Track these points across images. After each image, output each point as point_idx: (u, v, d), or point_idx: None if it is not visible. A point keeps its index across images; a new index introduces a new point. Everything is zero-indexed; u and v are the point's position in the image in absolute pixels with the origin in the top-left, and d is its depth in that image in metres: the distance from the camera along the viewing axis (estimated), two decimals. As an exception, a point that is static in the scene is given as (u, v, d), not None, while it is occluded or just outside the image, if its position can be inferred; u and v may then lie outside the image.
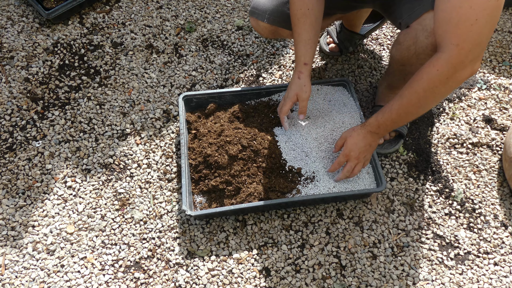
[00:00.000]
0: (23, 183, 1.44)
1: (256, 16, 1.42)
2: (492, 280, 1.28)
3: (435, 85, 1.07)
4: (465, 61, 1.02)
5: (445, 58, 1.03)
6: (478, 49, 1.01)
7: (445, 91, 1.10)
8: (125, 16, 1.92)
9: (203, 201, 1.37)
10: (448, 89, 1.09)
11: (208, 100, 1.55)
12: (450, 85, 1.08)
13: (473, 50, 1.01)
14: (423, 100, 1.12)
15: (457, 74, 1.05)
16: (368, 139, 1.28)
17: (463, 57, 1.01)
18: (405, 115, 1.18)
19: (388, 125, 1.22)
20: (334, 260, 1.31)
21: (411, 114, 1.18)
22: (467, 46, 1.00)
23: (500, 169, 1.49)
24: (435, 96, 1.11)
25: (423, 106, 1.14)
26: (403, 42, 1.23)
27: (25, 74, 1.71)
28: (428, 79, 1.07)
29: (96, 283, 1.26)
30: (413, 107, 1.14)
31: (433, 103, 1.15)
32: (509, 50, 1.82)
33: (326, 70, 1.76)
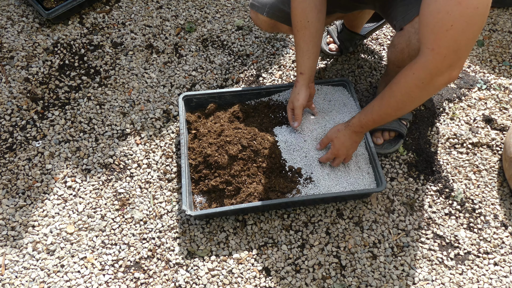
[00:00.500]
0: (23, 183, 1.45)
1: (256, 9, 1.44)
2: (492, 280, 1.28)
3: (411, 89, 1.08)
4: (440, 67, 1.02)
5: (421, 62, 1.04)
6: (453, 55, 1.01)
7: (421, 95, 1.10)
8: (125, 16, 1.92)
9: (203, 201, 1.37)
10: (425, 93, 1.09)
11: (208, 100, 1.55)
12: (426, 90, 1.08)
13: (448, 56, 1.00)
14: (400, 103, 1.13)
15: (433, 79, 1.05)
16: (353, 138, 1.33)
17: (439, 62, 1.01)
18: (385, 117, 1.21)
19: (370, 125, 1.26)
20: (334, 260, 1.31)
21: (390, 115, 1.21)
22: (442, 51, 1.00)
23: (500, 169, 1.49)
24: (412, 99, 1.12)
25: (401, 108, 1.16)
26: (397, 44, 1.24)
27: (25, 74, 1.71)
28: (405, 82, 1.08)
29: (96, 283, 1.26)
30: (391, 109, 1.17)
31: (411, 106, 1.15)
32: (509, 50, 1.82)
33: (326, 70, 1.76)
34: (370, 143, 1.42)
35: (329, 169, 1.39)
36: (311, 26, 1.29)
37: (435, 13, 0.97)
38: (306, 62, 1.35)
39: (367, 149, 1.43)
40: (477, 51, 1.81)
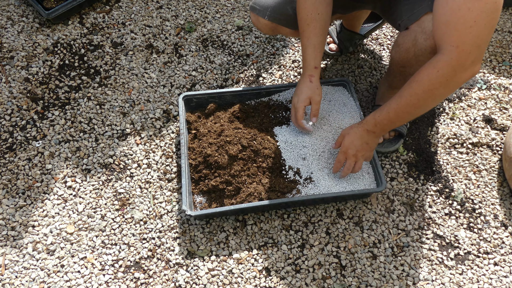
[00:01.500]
0: (23, 183, 1.44)
1: (257, 12, 1.42)
2: (492, 280, 1.28)
3: (435, 86, 1.07)
4: (465, 63, 1.03)
5: (446, 60, 1.04)
6: (477, 51, 1.02)
7: (444, 93, 1.10)
8: (125, 16, 1.92)
9: (203, 201, 1.37)
10: (448, 91, 1.09)
11: (208, 100, 1.55)
12: (450, 87, 1.08)
13: (472, 52, 1.01)
14: (422, 101, 1.12)
15: (457, 76, 1.05)
16: (364, 137, 1.28)
17: (463, 59, 1.02)
18: (403, 115, 1.18)
19: (385, 124, 1.22)
20: (334, 260, 1.31)
21: (409, 114, 1.18)
22: (467, 48, 1.01)
23: (500, 169, 1.49)
24: (435, 97, 1.11)
25: (422, 107, 1.14)
26: (402, 44, 1.23)
27: (25, 74, 1.71)
28: (428, 80, 1.07)
29: (96, 283, 1.26)
30: (411, 107, 1.14)
31: (432, 104, 1.15)
32: (509, 50, 1.82)
33: (326, 70, 1.76)
34: (370, 143, 1.42)
35: (329, 169, 1.39)
36: (321, 19, 1.28)
37: (456, 10, 0.98)
38: (318, 55, 1.32)
39: (367, 149, 1.43)
40: (477, 51, 1.81)
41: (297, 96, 1.37)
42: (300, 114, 1.38)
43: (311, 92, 1.35)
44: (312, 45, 1.31)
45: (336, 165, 1.34)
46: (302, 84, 1.36)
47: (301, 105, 1.37)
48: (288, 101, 1.55)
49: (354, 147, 1.29)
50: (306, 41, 1.31)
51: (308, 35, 1.30)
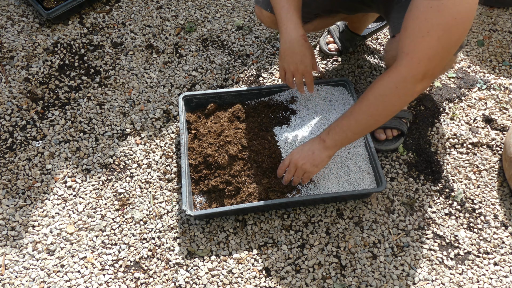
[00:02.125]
0: (23, 183, 1.45)
1: (260, 5, 1.41)
2: (492, 280, 1.28)
3: (385, 93, 1.06)
4: (415, 73, 1.01)
5: (397, 68, 1.03)
6: (428, 63, 1.00)
7: (395, 102, 1.08)
8: (125, 16, 1.92)
9: (203, 201, 1.37)
10: (399, 100, 1.07)
11: (208, 100, 1.55)
12: (400, 96, 1.06)
13: (422, 63, 1.00)
14: (373, 108, 1.09)
15: (407, 85, 1.03)
16: (314, 145, 1.21)
17: (413, 68, 1.01)
18: (355, 124, 1.14)
19: (337, 133, 1.17)
20: (334, 260, 1.31)
21: (361, 123, 1.13)
22: (416, 56, 0.99)
23: (500, 169, 1.49)
24: (386, 105, 1.08)
25: (374, 115, 1.11)
26: (389, 51, 1.23)
27: (25, 74, 1.71)
28: (380, 86, 1.07)
29: (96, 283, 1.26)
30: (364, 114, 1.11)
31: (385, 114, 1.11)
32: (509, 50, 1.82)
33: (326, 70, 1.76)
34: (370, 143, 1.42)
35: (329, 169, 1.39)
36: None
37: (414, 18, 0.98)
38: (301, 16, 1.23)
39: (367, 149, 1.43)
40: (477, 51, 1.81)
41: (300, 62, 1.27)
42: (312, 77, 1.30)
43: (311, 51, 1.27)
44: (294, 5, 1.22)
45: (280, 168, 1.30)
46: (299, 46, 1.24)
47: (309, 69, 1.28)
48: (288, 101, 1.55)
49: (300, 152, 1.23)
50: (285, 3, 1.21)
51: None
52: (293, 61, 1.27)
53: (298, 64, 1.27)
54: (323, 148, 1.20)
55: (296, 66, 1.28)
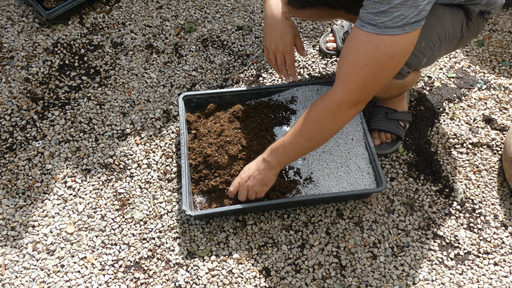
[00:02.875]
0: (23, 183, 1.45)
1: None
2: (492, 280, 1.28)
3: (321, 118, 1.10)
4: (349, 101, 1.06)
5: (332, 94, 1.08)
6: (361, 93, 1.05)
7: (331, 127, 1.12)
8: (125, 16, 1.92)
9: (203, 201, 1.37)
10: (334, 124, 1.11)
11: (208, 100, 1.55)
12: (336, 121, 1.10)
13: (357, 93, 1.04)
14: (311, 131, 1.13)
15: (342, 112, 1.08)
16: (259, 164, 1.22)
17: (348, 96, 1.05)
18: (296, 146, 1.16)
19: (280, 153, 1.18)
20: (334, 260, 1.31)
21: (301, 145, 1.16)
22: (352, 87, 1.03)
23: (500, 169, 1.49)
24: (322, 129, 1.12)
25: (312, 138, 1.14)
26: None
27: (25, 74, 1.71)
28: (316, 112, 1.11)
29: (96, 283, 1.26)
30: (302, 138, 1.14)
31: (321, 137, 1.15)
32: (509, 50, 1.82)
33: (326, 70, 1.76)
34: (370, 143, 1.42)
35: (329, 169, 1.39)
36: None
37: (354, 49, 1.00)
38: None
39: (367, 149, 1.43)
40: (477, 51, 1.81)
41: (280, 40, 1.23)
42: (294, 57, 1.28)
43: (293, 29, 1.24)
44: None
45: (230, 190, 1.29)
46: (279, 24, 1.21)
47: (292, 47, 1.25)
48: (288, 101, 1.55)
49: (248, 171, 1.24)
50: None
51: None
52: (274, 39, 1.24)
53: (278, 42, 1.23)
54: (268, 168, 1.21)
55: (276, 45, 1.24)
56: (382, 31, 0.95)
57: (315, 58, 1.80)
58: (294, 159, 1.20)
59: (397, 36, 0.95)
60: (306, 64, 1.78)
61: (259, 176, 1.22)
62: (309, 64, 1.78)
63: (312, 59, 1.79)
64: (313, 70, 1.76)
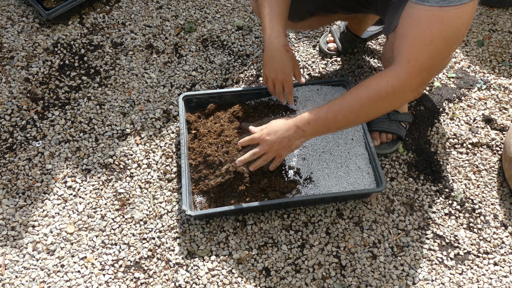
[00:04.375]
0: (23, 183, 1.45)
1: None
2: (492, 280, 1.28)
3: (381, 96, 1.05)
4: (413, 81, 1.01)
5: (396, 72, 1.02)
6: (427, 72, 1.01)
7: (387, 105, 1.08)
8: (125, 16, 1.92)
9: (203, 201, 1.37)
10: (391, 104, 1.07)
11: (208, 100, 1.55)
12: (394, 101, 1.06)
13: (422, 72, 1.00)
14: (365, 108, 1.08)
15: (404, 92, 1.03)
16: (290, 131, 1.16)
17: (413, 76, 1.00)
18: (341, 120, 1.11)
19: (319, 125, 1.13)
20: (334, 260, 1.31)
21: (347, 120, 1.12)
22: (418, 65, 0.99)
23: (500, 169, 1.49)
24: (377, 107, 1.08)
25: (362, 114, 1.10)
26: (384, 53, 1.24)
27: (25, 74, 1.71)
28: (376, 88, 1.05)
29: (96, 283, 1.26)
30: (352, 113, 1.09)
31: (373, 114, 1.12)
32: (509, 50, 1.82)
33: (326, 70, 1.76)
34: (370, 143, 1.42)
35: (329, 169, 1.39)
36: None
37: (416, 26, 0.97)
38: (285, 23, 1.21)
39: (367, 149, 1.43)
40: (477, 51, 1.81)
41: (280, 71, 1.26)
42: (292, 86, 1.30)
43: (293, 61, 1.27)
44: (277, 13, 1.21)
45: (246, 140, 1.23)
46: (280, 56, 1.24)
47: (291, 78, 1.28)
48: (288, 101, 1.55)
49: (274, 135, 1.17)
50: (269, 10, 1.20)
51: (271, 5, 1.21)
52: (273, 69, 1.28)
53: (278, 72, 1.27)
54: (301, 136, 1.17)
55: (276, 75, 1.29)
56: (447, 3, 0.92)
57: (315, 58, 1.80)
58: (331, 131, 1.18)
59: (461, 6, 0.92)
60: (306, 64, 1.78)
61: (289, 143, 1.18)
62: (309, 64, 1.78)
63: (312, 59, 1.79)
64: (313, 70, 1.76)
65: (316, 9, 1.45)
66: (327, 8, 1.45)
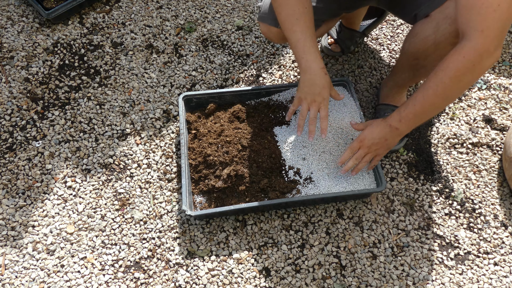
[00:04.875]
0: (23, 183, 1.45)
1: (269, 23, 1.38)
2: (492, 280, 1.28)
3: (462, 72, 1.06)
4: (490, 48, 1.02)
5: (471, 46, 1.03)
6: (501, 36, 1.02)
7: (471, 80, 1.08)
8: (125, 16, 1.92)
9: (203, 201, 1.37)
10: (474, 77, 1.08)
11: (208, 100, 1.55)
12: (476, 73, 1.07)
13: (496, 37, 1.01)
14: (448, 89, 1.09)
15: (483, 61, 1.04)
16: (385, 131, 1.24)
17: (488, 44, 1.01)
18: (429, 108, 1.15)
19: (411, 119, 1.18)
20: (334, 260, 1.31)
21: (435, 106, 1.14)
22: (492, 32, 1.00)
23: (500, 169, 1.49)
24: (462, 85, 1.09)
25: (448, 97, 1.12)
26: (420, 32, 1.21)
27: (25, 74, 1.71)
28: (455, 67, 1.06)
29: (96, 283, 1.26)
30: (438, 98, 1.11)
31: (459, 92, 1.13)
32: (509, 50, 1.82)
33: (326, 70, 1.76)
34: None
35: (328, 169, 1.39)
36: (309, 12, 1.24)
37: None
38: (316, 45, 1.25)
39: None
40: (477, 51, 1.81)
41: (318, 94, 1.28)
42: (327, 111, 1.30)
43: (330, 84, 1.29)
44: (310, 36, 1.24)
45: (347, 153, 1.31)
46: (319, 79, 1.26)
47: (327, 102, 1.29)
48: (288, 101, 1.55)
49: (371, 138, 1.26)
50: (301, 35, 1.24)
51: (302, 29, 1.24)
52: (311, 92, 1.28)
53: (316, 95, 1.28)
54: (396, 135, 1.25)
55: (313, 97, 1.29)
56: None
57: (315, 58, 1.80)
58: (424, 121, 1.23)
59: None
60: (306, 64, 1.78)
61: (386, 142, 1.27)
62: (309, 64, 1.78)
63: (312, 59, 1.79)
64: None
65: (326, 16, 1.44)
66: (336, 13, 1.45)
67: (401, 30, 1.89)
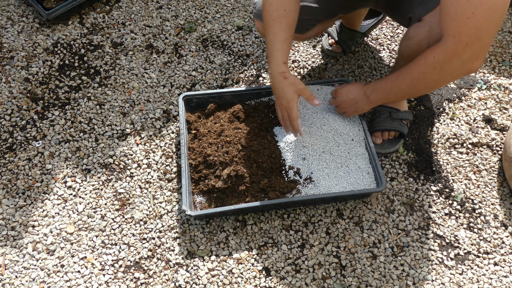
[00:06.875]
0: (23, 183, 1.45)
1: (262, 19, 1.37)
2: (492, 280, 1.28)
3: (428, 70, 1.12)
4: (462, 54, 1.05)
5: (442, 47, 1.07)
6: (477, 44, 1.03)
7: (438, 79, 1.14)
8: (125, 16, 1.92)
9: (203, 201, 1.37)
10: (441, 78, 1.13)
11: (208, 100, 1.55)
12: (443, 75, 1.11)
13: (470, 44, 1.02)
14: (415, 82, 1.17)
15: (452, 65, 1.08)
16: (359, 95, 1.35)
17: (460, 49, 1.04)
18: (397, 91, 1.24)
19: (380, 93, 1.29)
20: (334, 260, 1.31)
21: (402, 91, 1.24)
22: (463, 38, 1.02)
23: (500, 169, 1.49)
24: (427, 82, 1.15)
25: (415, 88, 1.20)
26: (413, 36, 1.22)
27: (25, 74, 1.71)
28: (424, 63, 1.13)
29: (96, 283, 1.26)
30: (405, 85, 1.21)
31: (424, 88, 1.20)
32: (509, 50, 1.82)
33: (326, 70, 1.76)
34: (370, 143, 1.42)
35: (329, 169, 1.39)
36: (289, 15, 1.25)
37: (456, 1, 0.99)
38: (286, 51, 1.26)
39: (367, 149, 1.43)
40: (477, 51, 1.81)
41: (282, 97, 1.31)
42: (296, 113, 1.32)
43: (294, 87, 1.29)
44: (279, 40, 1.25)
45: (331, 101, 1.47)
46: (277, 84, 1.29)
47: (294, 104, 1.30)
48: (288, 101, 1.55)
49: (346, 96, 1.38)
50: (272, 37, 1.25)
51: (275, 31, 1.25)
52: (277, 96, 1.34)
53: (281, 99, 1.32)
54: (366, 102, 1.36)
55: (280, 101, 1.34)
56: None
57: (315, 58, 1.80)
58: (393, 100, 1.37)
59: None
60: (306, 64, 1.78)
61: (355, 105, 1.38)
62: (309, 64, 1.78)
63: (312, 59, 1.79)
64: (313, 70, 1.76)
65: (322, 17, 1.45)
66: (332, 13, 1.45)
67: (401, 30, 1.89)
